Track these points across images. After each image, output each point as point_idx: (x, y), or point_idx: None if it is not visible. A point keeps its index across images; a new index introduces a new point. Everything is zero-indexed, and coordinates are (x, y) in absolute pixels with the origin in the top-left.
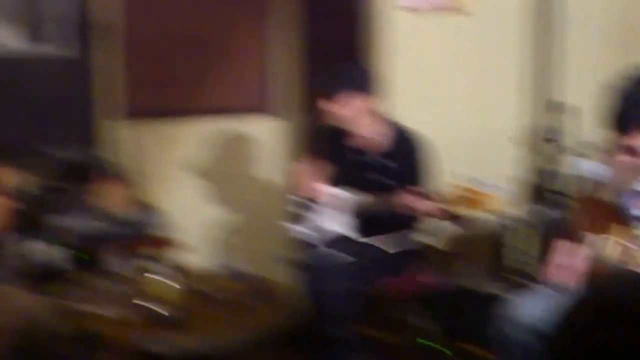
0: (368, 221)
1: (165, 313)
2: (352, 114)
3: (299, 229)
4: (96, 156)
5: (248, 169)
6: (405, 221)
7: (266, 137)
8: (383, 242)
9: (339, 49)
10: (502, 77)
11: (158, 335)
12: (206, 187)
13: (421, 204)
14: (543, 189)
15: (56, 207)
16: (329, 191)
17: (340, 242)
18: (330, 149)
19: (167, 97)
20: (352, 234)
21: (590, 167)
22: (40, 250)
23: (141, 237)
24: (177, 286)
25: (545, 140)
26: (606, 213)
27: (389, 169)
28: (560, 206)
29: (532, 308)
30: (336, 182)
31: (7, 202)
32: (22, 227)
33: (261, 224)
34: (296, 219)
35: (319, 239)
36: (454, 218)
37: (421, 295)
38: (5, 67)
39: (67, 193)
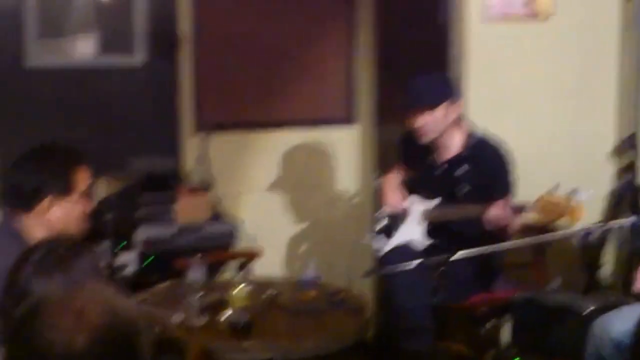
0: (452, 233)
1: (244, 322)
2: (436, 124)
3: (381, 241)
4: (178, 168)
5: (328, 179)
6: (490, 233)
7: (348, 147)
8: (467, 255)
9: (421, 58)
10: (594, 87)
11: (236, 343)
12: (287, 198)
13: (506, 216)
14: (636, 202)
15: (139, 218)
16: (412, 203)
17: (423, 254)
18: (415, 160)
19: (248, 109)
20: (435, 246)
21: None
22: (124, 259)
23: (221, 247)
24: (256, 295)
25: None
26: None
27: (473, 179)
28: None
29: (624, 324)
30: (420, 193)
31: (88, 208)
32: (105, 235)
33: (343, 235)
34: (379, 231)
35: (401, 251)
36: (542, 230)
37: (506, 310)
38: (84, 78)
39: (149, 204)
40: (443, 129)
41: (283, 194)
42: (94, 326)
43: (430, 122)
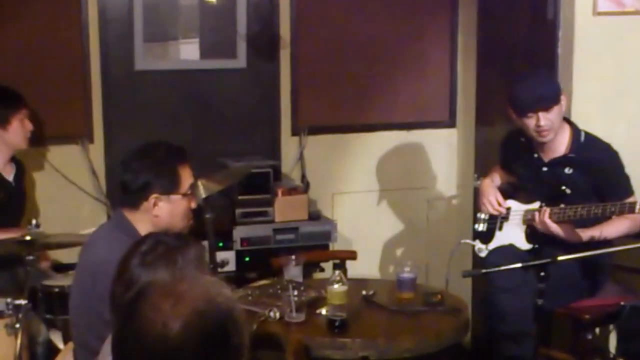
0: (555, 237)
1: (340, 319)
2: (555, 122)
3: (481, 244)
4: (276, 168)
5: (427, 180)
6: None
7: (447, 149)
8: (572, 258)
9: (522, 58)
10: None
11: (333, 340)
12: (385, 199)
13: (544, 224)
14: None
15: (238, 217)
16: (513, 205)
17: (526, 256)
18: (516, 161)
19: (347, 111)
20: (537, 250)
21: None
22: (224, 257)
23: (318, 247)
24: (352, 294)
25: None
26: None
27: (581, 181)
28: None
29: None
30: (522, 194)
31: (192, 206)
32: (206, 234)
33: (441, 236)
34: (479, 233)
35: (503, 252)
36: None
37: (613, 317)
38: (189, 80)
39: (248, 204)
40: (547, 131)
41: (381, 195)
42: (190, 312)
43: (551, 121)
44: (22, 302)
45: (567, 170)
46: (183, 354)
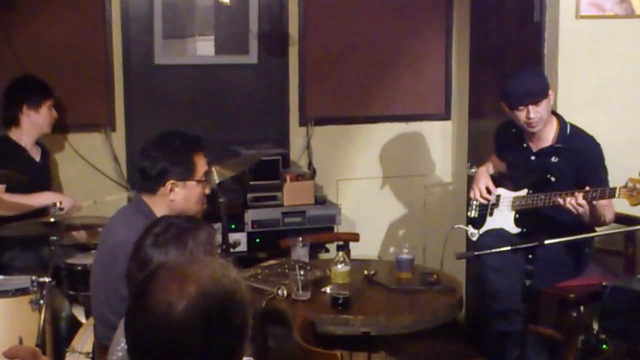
0: (542, 221)
1: (343, 297)
2: (544, 114)
3: (474, 229)
4: (285, 156)
5: (424, 169)
6: (581, 222)
7: (442, 140)
8: (558, 242)
9: (512, 56)
10: None
11: (336, 317)
12: (385, 186)
13: (578, 204)
14: None
15: (249, 201)
16: (502, 193)
17: (515, 239)
18: (508, 150)
19: (351, 104)
20: (526, 233)
21: None
22: (236, 238)
23: (323, 229)
24: (355, 274)
25: None
26: None
27: (565, 170)
28: None
29: None
30: (511, 181)
31: (206, 191)
32: (219, 217)
33: (437, 220)
34: (472, 218)
35: (494, 235)
36: (634, 220)
37: (596, 296)
38: (204, 75)
39: (258, 189)
40: (536, 123)
41: (382, 181)
42: (194, 293)
43: (540, 113)
44: (47, 279)
45: (554, 159)
46: (186, 332)
